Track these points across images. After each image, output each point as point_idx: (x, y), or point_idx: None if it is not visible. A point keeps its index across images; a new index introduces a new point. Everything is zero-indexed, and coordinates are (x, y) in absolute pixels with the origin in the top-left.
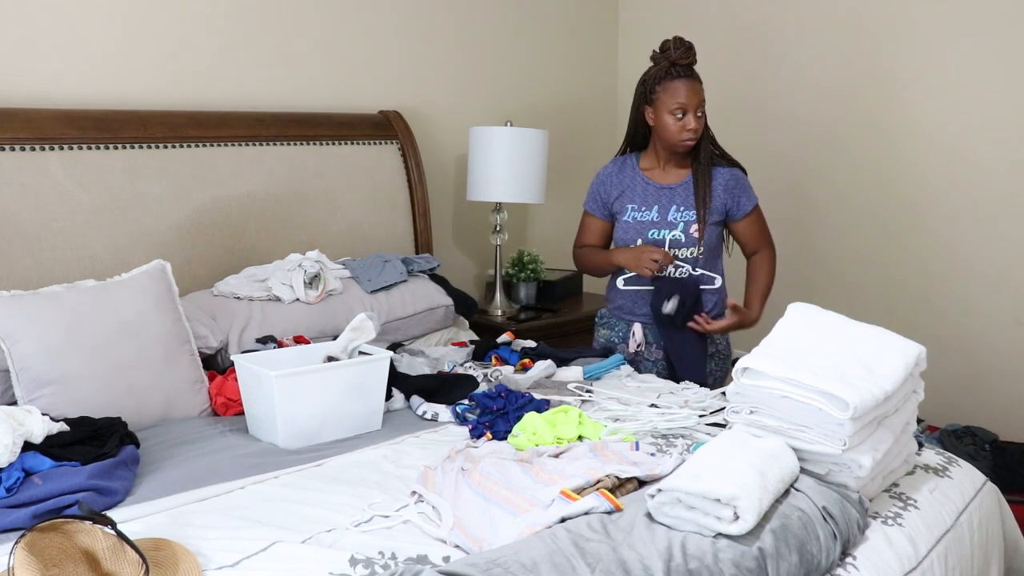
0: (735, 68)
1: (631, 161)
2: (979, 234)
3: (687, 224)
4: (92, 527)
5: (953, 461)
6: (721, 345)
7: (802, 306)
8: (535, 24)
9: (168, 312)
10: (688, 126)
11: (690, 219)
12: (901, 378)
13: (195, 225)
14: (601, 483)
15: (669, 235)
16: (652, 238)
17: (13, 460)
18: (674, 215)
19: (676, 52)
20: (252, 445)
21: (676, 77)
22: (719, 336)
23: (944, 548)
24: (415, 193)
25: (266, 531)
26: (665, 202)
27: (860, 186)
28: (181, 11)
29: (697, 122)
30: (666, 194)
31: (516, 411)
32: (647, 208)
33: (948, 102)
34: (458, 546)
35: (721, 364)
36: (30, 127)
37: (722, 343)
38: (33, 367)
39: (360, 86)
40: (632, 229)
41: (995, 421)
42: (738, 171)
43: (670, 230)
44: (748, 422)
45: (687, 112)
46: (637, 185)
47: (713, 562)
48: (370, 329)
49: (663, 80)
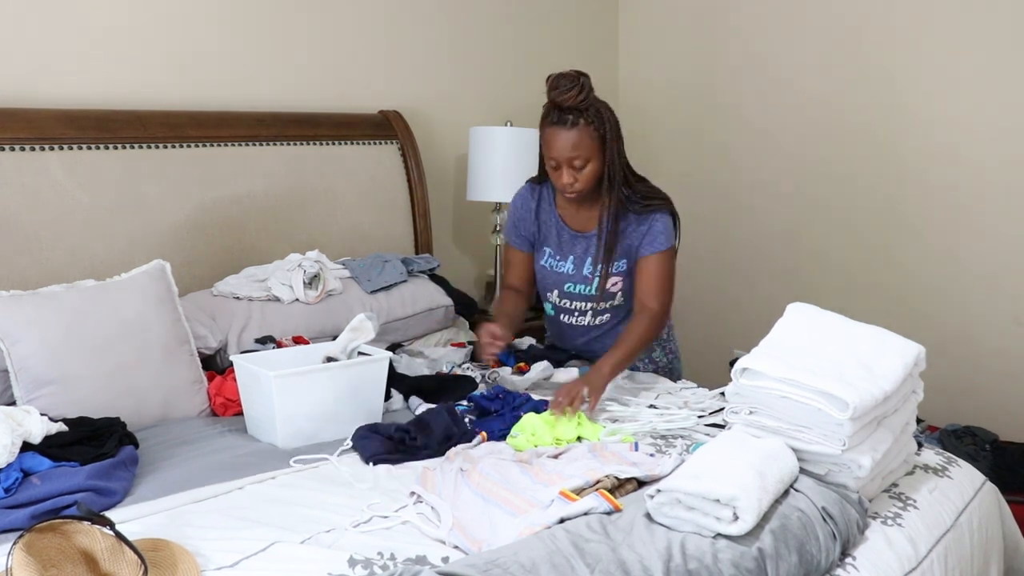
0: (735, 67)
1: (547, 195)
2: (979, 234)
3: (603, 278)
4: (91, 528)
5: (953, 461)
6: (661, 361)
7: (801, 306)
8: (535, 24)
9: (168, 312)
10: (561, 180)
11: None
12: (900, 378)
13: (195, 225)
14: (600, 484)
15: (584, 289)
16: (568, 291)
17: (12, 460)
18: (588, 269)
19: (552, 91)
20: (251, 445)
21: (551, 124)
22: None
23: (944, 548)
24: (415, 193)
25: (265, 531)
26: (580, 252)
27: (859, 186)
28: (181, 11)
29: (572, 176)
30: (581, 243)
31: (512, 412)
32: (562, 258)
33: (948, 102)
34: (457, 547)
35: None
36: (30, 127)
37: (661, 359)
38: (32, 367)
39: (360, 86)
40: (549, 277)
41: (995, 421)
42: (658, 215)
43: (584, 285)
44: (747, 422)
45: (560, 166)
46: (552, 228)
47: (712, 562)
48: (369, 329)
49: (543, 125)
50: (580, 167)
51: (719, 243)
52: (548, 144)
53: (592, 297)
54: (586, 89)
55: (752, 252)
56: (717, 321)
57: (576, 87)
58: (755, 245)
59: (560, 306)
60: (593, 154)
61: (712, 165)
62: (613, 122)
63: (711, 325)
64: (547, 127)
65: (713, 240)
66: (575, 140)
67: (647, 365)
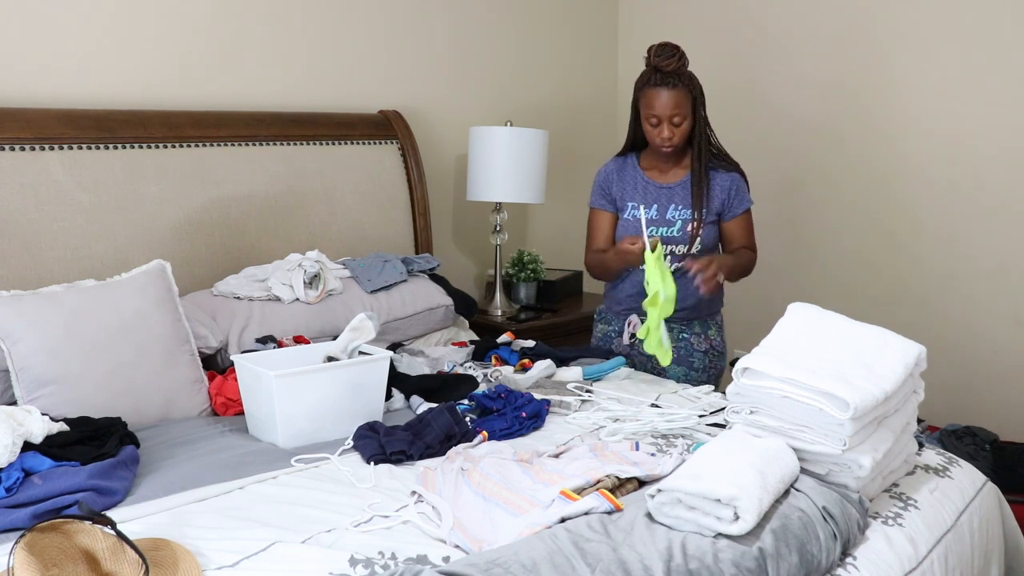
0: (734, 67)
1: (632, 160)
2: (979, 233)
3: (684, 222)
4: (92, 527)
5: (953, 461)
6: (715, 341)
7: (802, 306)
8: (535, 24)
9: (168, 312)
10: (661, 135)
11: (687, 217)
12: (901, 378)
13: (195, 225)
14: (601, 483)
15: (667, 232)
16: (651, 235)
17: (13, 460)
18: (672, 213)
19: (656, 58)
20: (252, 445)
21: (653, 85)
22: (713, 332)
23: (944, 548)
24: (415, 193)
25: (266, 531)
26: (664, 200)
27: (860, 186)
28: (181, 11)
29: (671, 131)
30: (665, 193)
31: (514, 411)
32: (647, 206)
33: (948, 101)
34: (458, 546)
35: (715, 361)
36: (30, 127)
37: (716, 339)
38: (33, 367)
39: (360, 86)
40: (631, 227)
41: (995, 421)
42: (736, 175)
43: (668, 228)
44: (748, 422)
45: (661, 122)
46: (638, 183)
47: (713, 562)
48: (370, 329)
49: (644, 87)
50: (678, 124)
51: None
52: (650, 103)
53: (674, 239)
54: (683, 57)
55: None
56: None
57: (676, 55)
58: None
59: None
60: (688, 113)
61: None
62: (700, 89)
63: None
64: (649, 88)
65: None
66: (676, 99)
67: (700, 341)
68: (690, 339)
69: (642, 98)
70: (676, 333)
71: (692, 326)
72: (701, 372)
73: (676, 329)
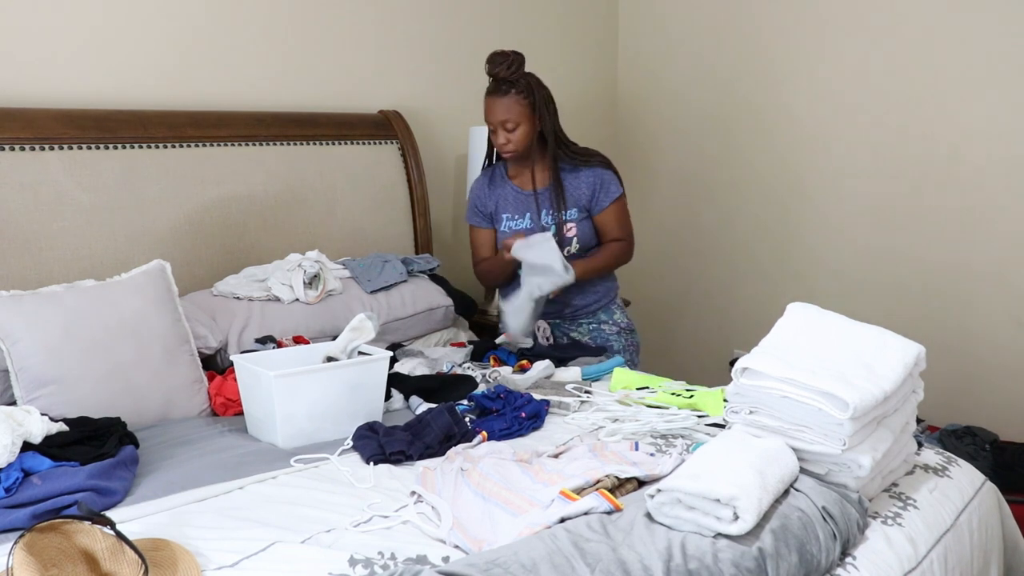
0: (733, 66)
1: (500, 171)
2: (979, 234)
3: (559, 225)
4: (91, 527)
5: (953, 461)
6: (622, 322)
7: (802, 306)
8: (535, 24)
9: (167, 312)
10: (497, 141)
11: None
12: (901, 378)
13: (195, 225)
14: (601, 483)
15: None
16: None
17: (12, 460)
18: (545, 219)
19: (488, 66)
20: (251, 445)
21: (488, 93)
22: (618, 316)
23: (944, 548)
24: (415, 193)
25: (265, 531)
26: (534, 208)
27: (859, 186)
28: (182, 11)
29: (506, 137)
30: (531, 200)
31: (513, 411)
32: (520, 216)
33: (948, 101)
34: (457, 546)
35: (630, 337)
36: (30, 127)
37: (622, 320)
38: (32, 367)
39: (360, 86)
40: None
41: (995, 421)
42: (599, 169)
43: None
44: (748, 422)
45: (496, 129)
46: (508, 194)
47: (713, 562)
48: (369, 329)
49: (485, 96)
50: (511, 129)
51: (719, 242)
52: (486, 111)
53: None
54: (516, 64)
55: (753, 251)
56: (717, 321)
57: (507, 62)
58: (756, 244)
59: None
60: (523, 119)
61: (712, 164)
62: (544, 92)
63: (711, 325)
64: (486, 97)
65: (713, 239)
66: (507, 105)
67: (610, 326)
68: (600, 327)
69: (484, 105)
70: (587, 326)
71: (597, 316)
72: (624, 351)
73: (585, 323)
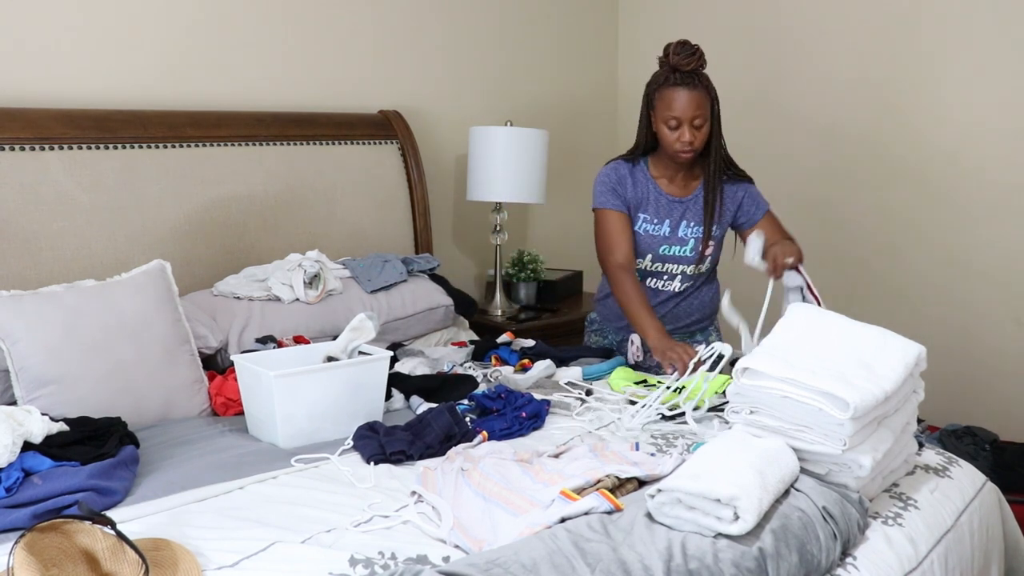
0: (732, 66)
1: (642, 166)
2: (980, 234)
3: (697, 241)
4: (92, 527)
5: (953, 461)
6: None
7: (802, 306)
8: (535, 24)
9: (168, 312)
10: (682, 138)
11: (700, 236)
12: (901, 378)
13: (195, 225)
14: (601, 483)
15: (679, 251)
16: (663, 254)
17: (13, 460)
18: (684, 231)
19: (675, 57)
20: (252, 445)
21: (672, 85)
22: (713, 338)
23: (944, 548)
24: (415, 193)
25: (265, 531)
26: (676, 216)
27: (860, 187)
28: (181, 11)
29: (692, 135)
30: (677, 208)
31: (514, 411)
32: (659, 221)
33: (949, 105)
34: (458, 546)
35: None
36: (30, 127)
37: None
38: (32, 367)
39: (360, 86)
40: (643, 242)
41: (995, 421)
42: (747, 184)
43: (680, 247)
44: (748, 422)
45: (681, 124)
46: (650, 194)
47: (713, 562)
48: (370, 329)
49: (661, 87)
50: (699, 126)
51: None
52: (669, 104)
53: (686, 259)
54: (702, 57)
55: None
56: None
57: (696, 54)
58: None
59: (650, 270)
60: (708, 116)
61: None
62: (716, 93)
63: None
64: (667, 88)
65: None
66: (698, 100)
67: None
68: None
69: (658, 99)
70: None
71: (695, 336)
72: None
73: (679, 337)
